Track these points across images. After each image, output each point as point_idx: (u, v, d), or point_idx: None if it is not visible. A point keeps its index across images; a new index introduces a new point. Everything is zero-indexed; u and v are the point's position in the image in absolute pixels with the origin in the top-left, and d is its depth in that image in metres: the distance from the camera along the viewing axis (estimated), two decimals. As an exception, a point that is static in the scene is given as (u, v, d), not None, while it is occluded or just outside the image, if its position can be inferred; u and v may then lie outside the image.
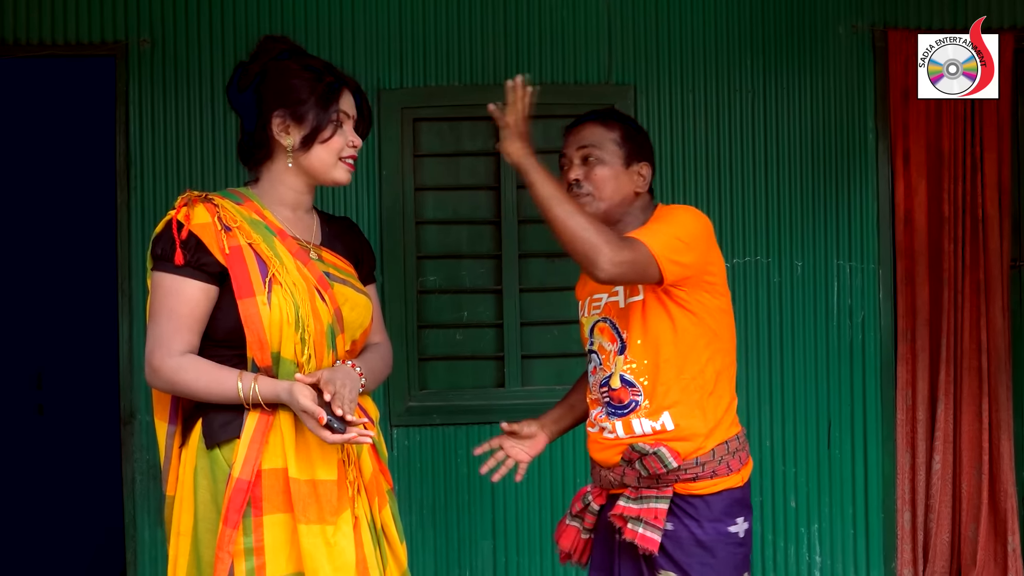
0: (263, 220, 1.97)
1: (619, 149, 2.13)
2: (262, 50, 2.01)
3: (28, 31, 3.23)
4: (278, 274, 1.90)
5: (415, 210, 3.32)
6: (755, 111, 3.40)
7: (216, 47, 3.27)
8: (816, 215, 3.41)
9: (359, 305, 2.02)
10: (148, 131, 3.25)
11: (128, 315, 3.24)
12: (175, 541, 1.94)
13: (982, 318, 3.40)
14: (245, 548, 1.86)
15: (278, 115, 1.96)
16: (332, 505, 1.88)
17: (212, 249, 1.90)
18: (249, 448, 1.87)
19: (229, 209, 1.95)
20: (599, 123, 2.15)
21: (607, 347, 2.13)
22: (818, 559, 3.41)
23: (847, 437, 3.41)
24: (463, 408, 3.32)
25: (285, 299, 1.89)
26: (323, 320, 1.93)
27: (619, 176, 2.12)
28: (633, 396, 2.08)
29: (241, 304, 1.88)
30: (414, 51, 3.33)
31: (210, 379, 1.88)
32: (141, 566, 3.24)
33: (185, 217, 1.92)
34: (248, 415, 1.89)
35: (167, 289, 1.91)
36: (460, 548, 3.33)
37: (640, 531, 2.04)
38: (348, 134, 2.01)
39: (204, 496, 1.91)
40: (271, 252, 1.92)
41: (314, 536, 1.86)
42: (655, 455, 2.05)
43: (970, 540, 3.41)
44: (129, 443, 3.25)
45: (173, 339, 1.89)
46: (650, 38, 3.38)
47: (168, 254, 1.90)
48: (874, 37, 3.41)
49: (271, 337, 1.88)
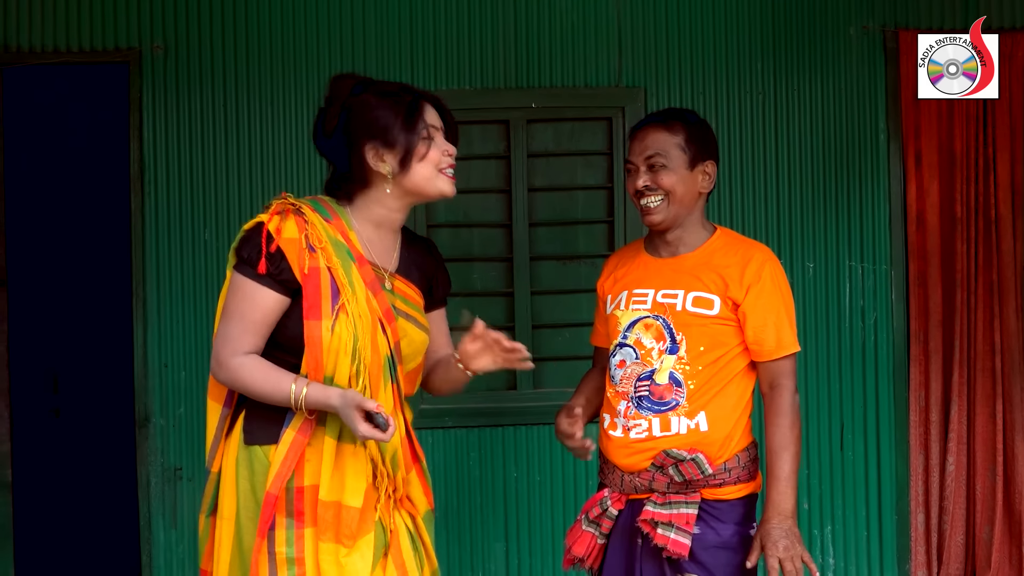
0: (346, 243, 2.02)
1: (684, 153, 2.16)
2: (336, 91, 2.06)
3: (43, 39, 3.26)
4: (348, 303, 1.97)
5: (427, 214, 3.33)
6: (766, 113, 3.40)
7: (229, 53, 3.30)
8: (828, 216, 3.41)
9: (416, 341, 2.11)
10: (162, 137, 3.28)
11: (142, 319, 3.26)
12: (220, 524, 2.02)
13: (995, 319, 3.39)
14: (288, 558, 1.95)
15: (370, 146, 2.01)
16: (351, 530, 1.96)
17: (294, 266, 1.97)
18: (282, 466, 1.96)
19: (317, 227, 2.00)
20: (663, 127, 2.18)
21: (649, 343, 2.15)
22: (831, 561, 3.40)
23: (860, 439, 3.40)
24: (475, 411, 3.32)
25: (347, 328, 1.96)
26: (381, 353, 2.00)
27: (686, 180, 2.16)
28: (676, 395, 2.11)
29: (307, 324, 1.96)
30: (424, 55, 3.34)
31: (267, 380, 1.96)
32: (156, 569, 3.26)
33: (276, 230, 1.98)
34: (285, 432, 1.97)
35: (245, 293, 1.98)
36: (473, 551, 3.33)
37: (671, 536, 2.07)
38: (441, 144, 2.06)
39: (244, 486, 1.99)
40: (346, 280, 1.98)
41: (328, 554, 1.95)
42: (693, 461, 2.09)
43: (984, 542, 3.40)
44: (144, 446, 3.27)
45: (241, 340, 1.97)
46: (660, 41, 3.38)
47: (253, 260, 1.97)
48: (885, 38, 3.41)
49: (327, 361, 1.96)
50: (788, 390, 2.13)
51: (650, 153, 2.16)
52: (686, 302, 2.14)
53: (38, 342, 4.67)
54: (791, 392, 2.14)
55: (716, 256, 2.17)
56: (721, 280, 2.13)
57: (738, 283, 2.12)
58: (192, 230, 3.27)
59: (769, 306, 2.13)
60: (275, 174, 3.28)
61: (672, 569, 2.10)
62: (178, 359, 3.26)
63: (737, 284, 2.12)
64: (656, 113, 2.25)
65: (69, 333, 4.78)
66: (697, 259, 2.18)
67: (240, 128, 3.29)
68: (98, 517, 4.57)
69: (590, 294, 3.36)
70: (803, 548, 2.08)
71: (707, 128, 2.24)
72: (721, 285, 2.13)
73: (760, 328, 2.12)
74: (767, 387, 2.15)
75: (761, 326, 2.12)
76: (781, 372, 2.14)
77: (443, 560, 3.28)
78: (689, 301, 2.14)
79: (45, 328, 4.73)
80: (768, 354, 2.14)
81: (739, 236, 2.27)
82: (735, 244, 2.21)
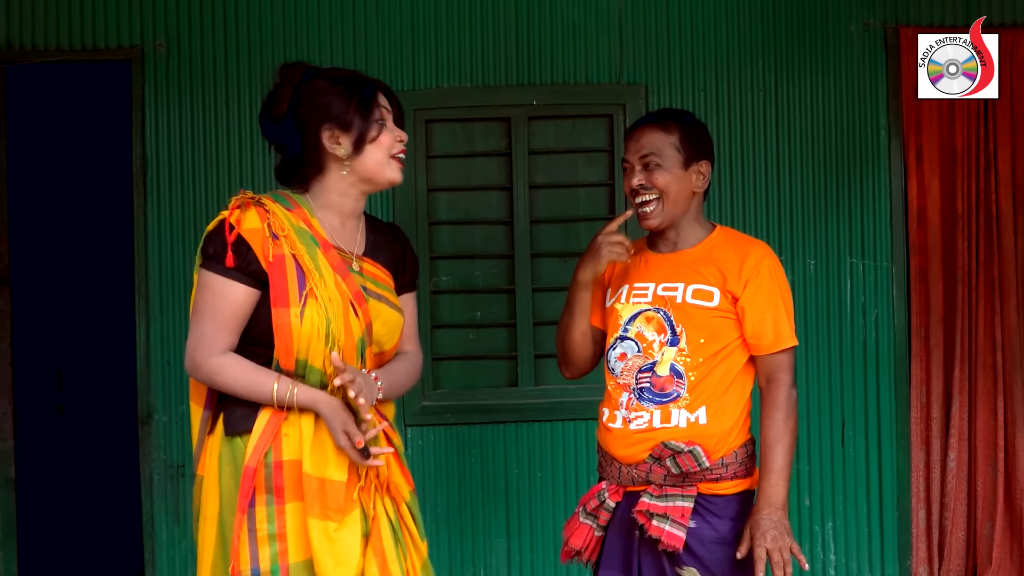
0: (309, 230, 2.03)
1: (678, 153, 2.18)
2: (285, 78, 2.06)
3: (45, 36, 3.27)
4: (316, 288, 1.97)
5: (428, 211, 3.34)
6: (767, 109, 3.41)
7: (231, 51, 3.30)
8: (829, 213, 3.41)
9: (390, 321, 2.09)
10: (164, 135, 3.29)
11: (145, 316, 3.27)
12: (202, 525, 2.02)
13: (996, 315, 3.39)
14: (269, 534, 1.94)
15: (326, 128, 2.02)
16: (338, 504, 1.95)
17: (259, 255, 1.97)
18: (259, 440, 1.95)
19: (279, 216, 2.01)
20: (658, 127, 2.20)
21: (651, 336, 2.17)
22: (833, 557, 3.41)
23: (861, 435, 3.40)
24: (477, 407, 3.33)
25: (318, 313, 1.96)
26: (354, 334, 2.00)
27: (680, 179, 2.18)
28: (677, 387, 2.13)
29: (275, 312, 1.96)
30: (426, 53, 3.35)
31: (248, 380, 1.96)
32: (159, 564, 3.28)
33: (237, 221, 1.98)
34: (261, 411, 1.97)
35: (214, 290, 1.97)
36: (475, 547, 3.34)
37: (667, 528, 2.08)
38: (393, 129, 2.08)
39: (228, 482, 1.99)
40: (312, 265, 1.98)
41: (318, 530, 1.94)
42: (691, 453, 2.10)
43: (986, 538, 3.40)
44: (147, 443, 3.28)
45: (215, 338, 1.97)
46: (661, 38, 3.39)
47: (220, 255, 1.97)
48: (886, 35, 3.41)
49: (299, 347, 1.96)
50: (785, 384, 2.15)
51: (645, 152, 2.19)
52: (686, 294, 2.16)
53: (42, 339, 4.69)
54: (788, 386, 2.15)
55: (715, 251, 2.19)
56: (720, 274, 2.15)
57: (736, 277, 2.14)
58: (194, 227, 3.28)
59: (767, 301, 2.15)
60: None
61: (669, 562, 2.11)
62: (180, 356, 3.23)
63: (736, 278, 2.14)
64: (652, 113, 2.28)
65: (72, 330, 4.79)
66: (697, 254, 2.20)
67: (242, 126, 3.30)
68: (101, 513, 4.58)
69: (591, 291, 3.40)
70: (792, 540, 2.09)
71: (702, 129, 2.26)
72: (720, 278, 2.15)
73: (758, 322, 2.14)
74: (764, 380, 2.17)
75: (759, 320, 2.14)
76: (779, 366, 2.16)
77: (444, 556, 3.30)
78: (689, 293, 2.16)
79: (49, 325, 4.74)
80: (766, 348, 2.15)
81: (738, 233, 2.29)
82: (733, 240, 2.23)
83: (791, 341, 2.17)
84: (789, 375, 2.16)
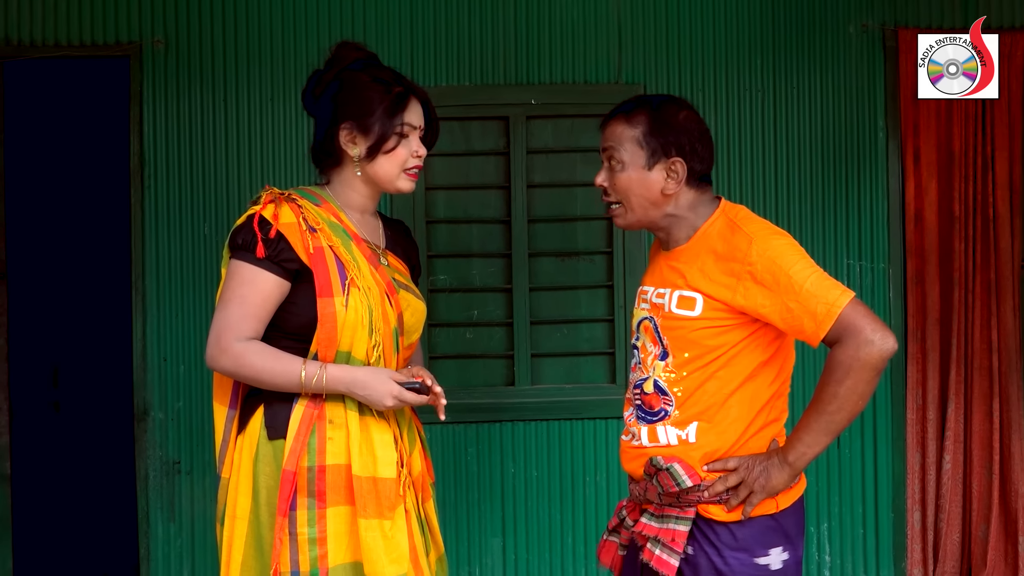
0: (340, 223, 2.04)
1: (640, 149, 1.92)
2: (337, 58, 2.07)
3: (43, 32, 3.26)
4: (356, 278, 1.98)
5: (425, 209, 3.34)
6: (765, 110, 3.41)
7: (230, 47, 3.30)
8: (826, 214, 3.41)
9: (418, 311, 2.12)
10: (162, 131, 3.28)
11: (141, 313, 3.27)
12: (230, 524, 2.01)
13: (993, 317, 3.39)
14: (309, 538, 1.94)
15: (346, 126, 2.03)
16: (390, 501, 1.96)
17: (296, 248, 1.96)
18: (294, 442, 1.95)
19: (311, 211, 2.02)
20: (623, 119, 1.96)
21: (649, 348, 1.98)
22: (828, 559, 3.41)
23: (857, 436, 3.40)
24: (473, 406, 3.33)
25: (361, 302, 1.97)
26: (391, 324, 2.02)
27: (643, 181, 1.93)
28: (664, 404, 1.94)
29: (320, 303, 1.96)
30: (424, 51, 3.35)
31: (274, 364, 1.95)
32: (154, 561, 3.27)
33: (273, 216, 1.98)
34: (293, 411, 1.97)
35: (243, 278, 1.97)
36: (470, 545, 3.34)
37: (657, 552, 1.89)
38: (412, 144, 2.06)
39: (268, 482, 1.97)
40: (349, 256, 2.00)
41: (372, 530, 1.94)
42: (668, 471, 1.89)
43: (980, 540, 3.41)
44: (143, 439, 3.28)
45: (242, 324, 1.95)
46: (660, 38, 3.39)
47: (250, 245, 1.96)
48: (884, 36, 3.41)
49: (342, 337, 1.96)
50: (848, 345, 1.79)
51: (607, 144, 1.98)
52: (672, 302, 1.93)
53: (38, 336, 4.69)
54: (854, 345, 1.79)
55: (702, 250, 1.93)
56: (703, 276, 1.90)
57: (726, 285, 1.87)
58: (192, 224, 3.28)
59: (776, 291, 1.84)
60: (274, 169, 3.29)
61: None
62: (177, 353, 3.27)
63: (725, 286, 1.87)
64: (627, 100, 2.02)
65: (69, 327, 4.79)
66: (686, 252, 1.95)
67: (240, 122, 3.29)
68: (97, 510, 4.58)
69: (589, 290, 3.40)
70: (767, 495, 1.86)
71: (678, 119, 1.95)
72: (706, 283, 1.89)
73: (787, 318, 1.84)
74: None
75: (785, 317, 1.84)
76: (840, 332, 1.80)
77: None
78: (674, 301, 1.92)
79: (45, 322, 4.74)
80: (817, 335, 1.83)
81: (731, 219, 1.96)
82: (723, 234, 1.93)
83: (837, 305, 1.80)
84: (855, 333, 1.79)
